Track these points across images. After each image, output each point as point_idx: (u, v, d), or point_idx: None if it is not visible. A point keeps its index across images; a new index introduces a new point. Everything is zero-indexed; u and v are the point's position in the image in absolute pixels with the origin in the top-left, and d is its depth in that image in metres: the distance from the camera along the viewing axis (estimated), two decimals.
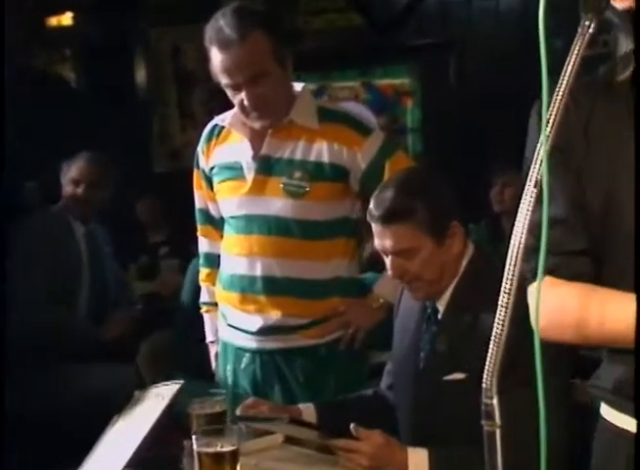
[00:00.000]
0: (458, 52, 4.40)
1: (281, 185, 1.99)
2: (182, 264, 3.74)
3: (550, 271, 0.92)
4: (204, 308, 2.26)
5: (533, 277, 0.87)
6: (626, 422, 1.05)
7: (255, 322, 2.04)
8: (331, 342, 2.06)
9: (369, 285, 2.14)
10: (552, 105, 0.84)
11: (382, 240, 1.65)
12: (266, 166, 2.02)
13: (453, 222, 1.66)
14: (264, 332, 2.04)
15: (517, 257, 0.82)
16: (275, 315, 2.02)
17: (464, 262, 1.69)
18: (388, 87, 4.73)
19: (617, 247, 1.02)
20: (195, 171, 2.21)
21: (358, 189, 2.03)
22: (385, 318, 2.07)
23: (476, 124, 4.29)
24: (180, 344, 2.92)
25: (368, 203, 1.86)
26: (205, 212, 2.20)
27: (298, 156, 1.99)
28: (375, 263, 2.96)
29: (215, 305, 2.19)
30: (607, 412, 1.09)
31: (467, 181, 3.98)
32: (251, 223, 2.03)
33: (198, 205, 2.23)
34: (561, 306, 0.97)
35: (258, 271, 2.01)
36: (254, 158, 2.02)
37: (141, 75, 5.05)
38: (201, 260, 2.27)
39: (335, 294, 2.06)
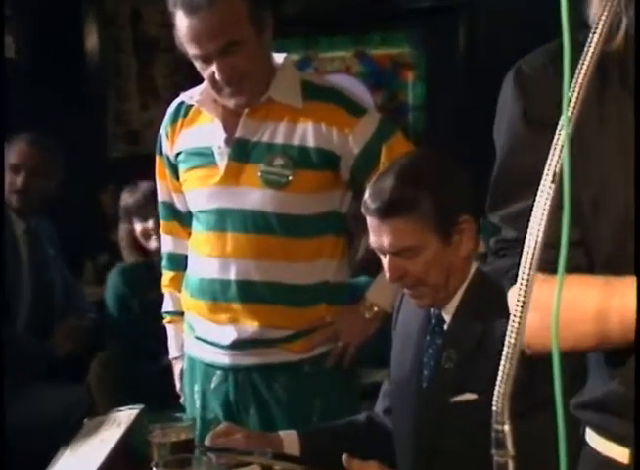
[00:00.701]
0: (467, 15, 4.42)
1: (259, 173, 2.00)
2: None
3: (549, 264, 0.94)
4: (167, 319, 2.27)
5: (549, 273, 0.89)
6: (612, 450, 1.07)
7: (229, 334, 2.05)
8: (316, 357, 2.07)
9: (361, 291, 2.15)
10: (575, 79, 0.84)
11: (378, 236, 1.66)
12: (242, 152, 2.02)
13: (463, 217, 1.67)
14: (239, 345, 2.05)
15: (533, 257, 0.82)
16: (252, 326, 2.03)
17: (474, 266, 1.71)
18: (384, 58, 4.74)
19: (606, 236, 1.04)
20: (157, 158, 2.21)
21: (349, 178, 2.04)
22: (379, 330, 2.09)
23: (488, 102, 4.31)
24: (131, 364, 2.93)
25: (360, 194, 1.86)
26: (170, 206, 2.21)
27: (279, 139, 2.00)
28: (368, 266, 2.98)
29: (181, 314, 2.20)
30: (591, 438, 1.12)
31: (477, 168, 4.01)
32: (224, 218, 2.03)
33: (160, 197, 2.24)
34: (573, 303, 0.98)
35: (232, 275, 2.02)
36: (228, 141, 2.03)
37: (93, 43, 5.03)
38: (164, 262, 2.28)
39: (321, 301, 2.07)
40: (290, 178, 1.99)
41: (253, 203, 2.00)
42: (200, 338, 2.11)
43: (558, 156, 0.81)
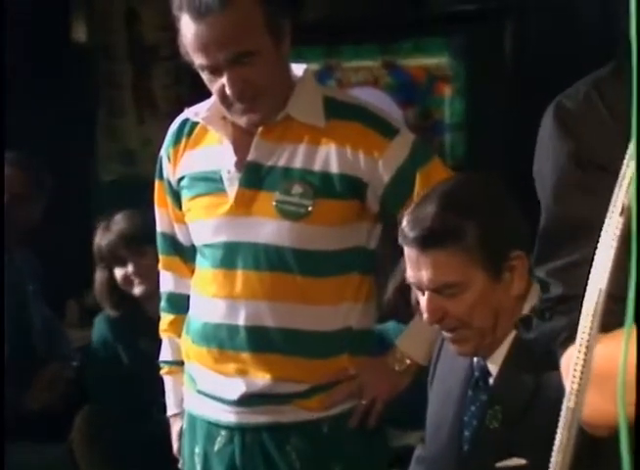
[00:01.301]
0: (515, 21, 4.44)
1: (274, 203, 2.02)
2: None
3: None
4: (164, 369, 2.28)
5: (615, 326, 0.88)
6: None
7: (236, 388, 2.05)
8: (337, 416, 2.07)
9: (389, 339, 2.15)
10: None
11: (417, 270, 1.68)
12: (254, 177, 2.04)
13: (515, 252, 1.69)
14: (248, 401, 2.05)
15: (597, 305, 0.82)
16: (263, 379, 2.03)
17: (526, 307, 1.71)
18: (418, 69, 4.76)
19: None
20: (157, 183, 2.23)
21: (378, 209, 2.05)
22: (412, 384, 2.09)
23: (539, 121, 4.32)
24: (120, 423, 2.94)
25: (391, 228, 1.87)
26: (171, 239, 2.23)
27: (298, 164, 2.02)
28: (397, 309, 2.98)
29: (180, 364, 2.21)
30: None
31: (526, 199, 4.01)
32: (234, 254, 2.05)
33: (160, 228, 2.25)
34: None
35: (242, 319, 2.03)
36: (238, 165, 2.05)
37: (81, 47, 5.09)
38: (162, 303, 2.29)
39: (343, 351, 2.08)
40: (309, 209, 2.00)
41: (267, 236, 2.02)
42: (202, 392, 2.12)
43: (627, 186, 0.82)
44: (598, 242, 0.86)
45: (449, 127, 4.72)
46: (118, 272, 3.00)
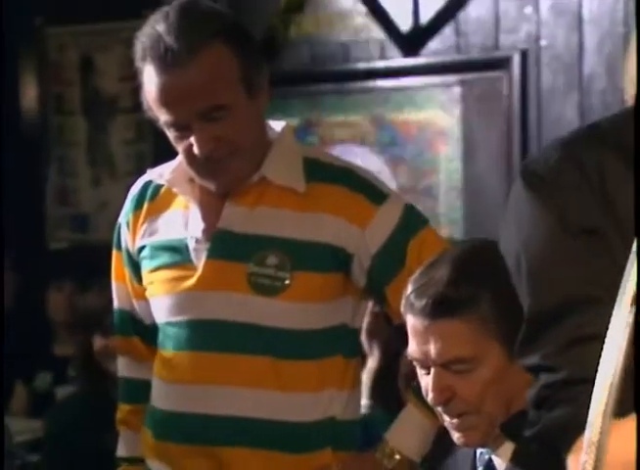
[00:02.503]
0: (519, 71, 4.51)
1: (247, 276, 2.02)
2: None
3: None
4: (121, 467, 2.25)
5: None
6: None
7: None
8: None
9: (377, 431, 2.14)
10: None
11: (424, 343, 1.67)
12: (225, 247, 2.04)
13: None
14: None
15: (608, 405, 0.83)
16: None
17: None
18: (410, 125, 4.81)
19: None
20: (114, 253, 2.23)
21: (364, 283, 2.06)
22: None
23: None
24: None
25: (381, 303, 1.88)
26: (130, 317, 2.22)
27: (274, 232, 2.03)
28: (381, 395, 2.96)
29: (140, 461, 2.18)
30: None
31: None
32: (202, 334, 2.05)
33: (118, 304, 2.25)
34: None
35: (212, 408, 2.03)
36: (207, 233, 2.05)
37: (30, 99, 5.13)
38: (120, 391, 2.27)
39: (326, 444, 2.07)
40: (287, 282, 2.01)
41: (239, 313, 2.02)
42: None
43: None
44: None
45: (445, 190, 4.74)
46: (98, 342, 3.00)
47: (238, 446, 2.02)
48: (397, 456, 2.07)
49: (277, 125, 2.11)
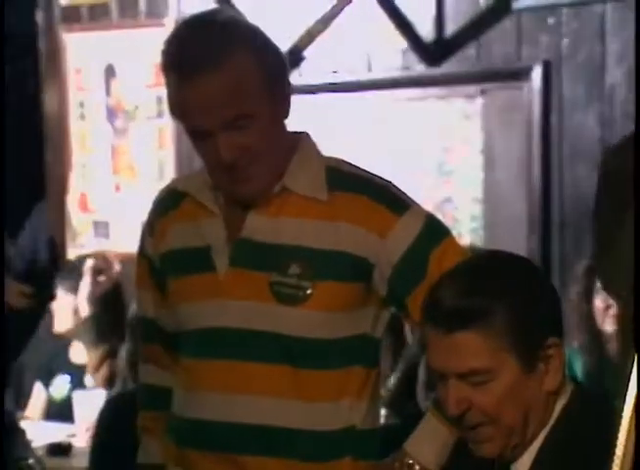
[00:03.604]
0: (541, 81, 4.51)
1: (269, 284, 2.02)
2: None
3: None
4: None
5: None
6: None
7: None
8: None
9: (395, 441, 2.14)
10: None
11: (441, 355, 1.69)
12: (247, 256, 2.05)
13: (551, 339, 1.69)
14: None
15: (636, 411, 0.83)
16: None
17: (558, 405, 1.71)
18: (431, 134, 4.81)
19: None
20: (139, 261, 2.23)
21: (386, 293, 2.05)
22: None
23: (572, 192, 4.37)
24: None
25: (402, 313, 1.88)
26: (152, 324, 2.22)
27: (296, 241, 2.03)
28: (400, 405, 2.96)
29: (159, 468, 2.18)
30: None
31: (552, 278, 4.03)
32: (223, 342, 2.05)
33: (142, 312, 2.25)
34: None
35: (229, 416, 2.03)
36: (230, 242, 2.06)
37: (53, 105, 5.14)
38: (141, 397, 2.28)
39: (345, 454, 2.07)
40: (309, 292, 2.01)
41: (262, 322, 2.02)
42: None
43: None
44: None
45: (466, 200, 4.74)
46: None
47: (258, 454, 2.02)
48: (417, 467, 2.06)
49: (297, 135, 2.11)
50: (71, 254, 5.06)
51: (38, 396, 4.47)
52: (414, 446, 2.07)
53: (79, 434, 4.10)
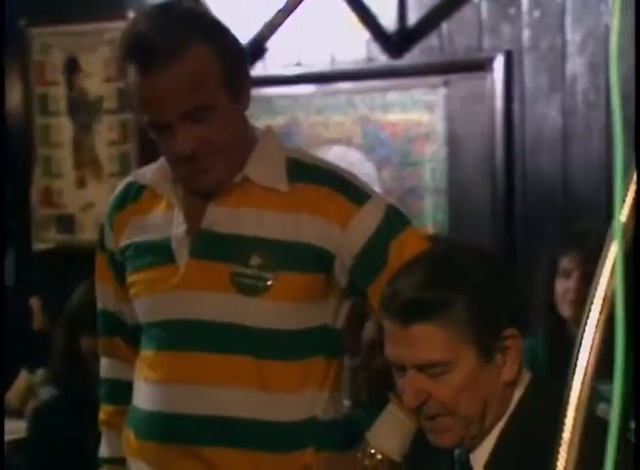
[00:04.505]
0: (504, 72, 4.52)
1: (230, 276, 2.02)
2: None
3: None
4: (103, 468, 2.26)
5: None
6: None
7: None
8: None
9: (357, 431, 2.14)
10: None
11: (399, 346, 1.69)
12: (208, 247, 2.05)
13: (508, 330, 1.70)
14: None
15: (581, 400, 0.84)
16: None
17: (516, 395, 1.72)
18: (395, 126, 4.81)
19: None
20: (98, 254, 2.24)
21: (346, 283, 2.06)
22: None
23: (530, 184, 4.39)
24: None
25: (363, 304, 1.88)
26: (112, 317, 2.23)
27: (257, 232, 2.03)
28: (362, 395, 2.96)
29: (122, 462, 2.18)
30: None
31: (517, 268, 4.04)
32: (184, 334, 2.05)
33: (100, 305, 2.25)
34: None
35: (195, 408, 2.03)
36: (190, 234, 2.06)
37: (15, 99, 5.11)
38: (102, 391, 2.27)
39: (308, 444, 2.07)
40: (269, 283, 2.01)
41: (222, 313, 2.02)
42: None
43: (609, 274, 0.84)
44: None
45: (431, 191, 4.75)
46: (85, 342, 2.99)
47: (221, 445, 2.02)
48: (379, 456, 2.06)
49: (258, 126, 2.12)
50: (37, 247, 5.03)
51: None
52: (376, 435, 2.07)
53: None
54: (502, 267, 1.77)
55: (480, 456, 1.71)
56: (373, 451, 2.06)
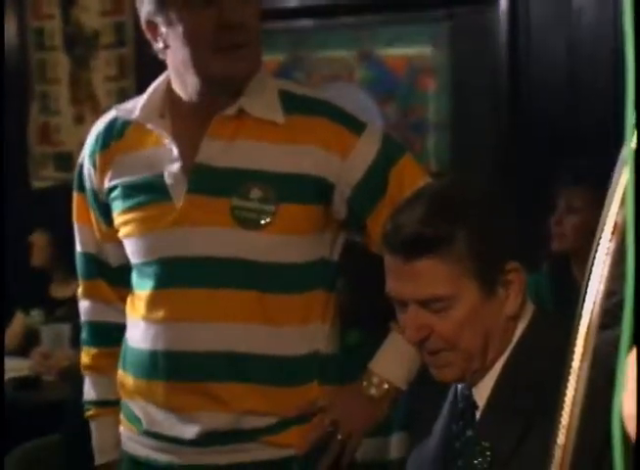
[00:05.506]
0: (509, 6, 4.47)
1: (230, 209, 2.01)
2: (75, 332, 3.76)
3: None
4: (90, 411, 2.24)
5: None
6: None
7: (194, 426, 2.04)
8: (308, 453, 2.06)
9: (358, 364, 2.14)
10: None
11: (401, 281, 1.68)
12: (205, 181, 2.03)
13: (511, 264, 1.69)
14: (208, 440, 2.03)
15: (590, 328, 0.83)
16: (225, 413, 2.02)
17: (519, 329, 1.71)
18: (398, 60, 4.77)
19: None
20: (76, 195, 2.21)
21: (346, 214, 2.06)
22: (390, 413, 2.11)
23: (535, 122, 4.36)
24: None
25: (359, 236, 1.86)
26: (95, 260, 2.21)
27: (256, 164, 2.02)
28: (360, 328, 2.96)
29: (110, 404, 2.19)
30: None
31: (520, 204, 4.03)
32: (185, 270, 2.04)
33: (81, 247, 2.23)
34: None
35: (198, 345, 2.02)
36: (185, 169, 2.04)
37: (10, 33, 5.06)
38: (84, 335, 2.26)
39: (312, 378, 2.08)
40: (272, 215, 2.00)
41: (223, 248, 2.01)
42: (151, 433, 2.09)
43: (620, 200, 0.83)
44: None
45: (433, 127, 4.74)
46: None
47: (228, 380, 2.02)
48: (385, 385, 2.07)
49: None
50: (35, 185, 5.02)
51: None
52: (381, 364, 2.09)
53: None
54: (504, 203, 1.75)
55: (483, 391, 1.70)
56: (378, 381, 2.08)
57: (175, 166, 2.04)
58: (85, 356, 2.25)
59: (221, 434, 2.03)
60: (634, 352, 0.86)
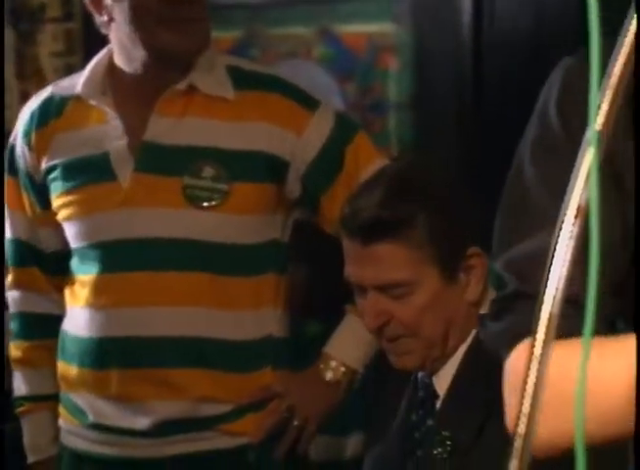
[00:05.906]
0: None
1: (182, 188, 1.99)
2: None
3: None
4: (23, 407, 2.19)
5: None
6: None
7: (145, 416, 2.01)
8: (264, 441, 2.05)
9: (308, 348, 2.16)
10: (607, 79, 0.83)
11: (360, 266, 1.68)
12: (154, 160, 2.01)
13: (472, 248, 1.69)
14: (159, 431, 2.02)
15: (552, 315, 0.81)
16: (179, 401, 2.01)
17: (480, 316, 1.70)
18: (357, 37, 4.77)
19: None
20: (7, 179, 2.15)
21: (299, 193, 2.05)
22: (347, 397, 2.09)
23: (498, 101, 4.34)
24: None
25: (311, 215, 1.88)
26: (26, 246, 2.15)
27: (207, 141, 2.00)
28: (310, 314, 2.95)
29: (44, 398, 2.16)
30: None
31: (481, 187, 4.01)
32: (131, 253, 2.01)
33: (12, 234, 2.17)
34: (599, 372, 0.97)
35: (147, 330, 2.00)
36: (132, 147, 2.01)
37: None
38: (14, 327, 2.20)
39: (266, 363, 2.08)
40: (225, 194, 1.99)
41: (174, 229, 1.99)
42: (97, 425, 2.05)
43: (583, 183, 0.81)
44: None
45: (394, 106, 4.73)
46: None
47: (180, 366, 2.01)
48: (342, 368, 2.07)
49: None
50: None
51: None
52: (336, 347, 2.08)
53: None
54: (465, 185, 1.78)
55: (444, 379, 1.70)
56: (335, 364, 2.07)
57: (121, 144, 2.01)
58: (16, 350, 2.20)
59: (175, 423, 2.01)
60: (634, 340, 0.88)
